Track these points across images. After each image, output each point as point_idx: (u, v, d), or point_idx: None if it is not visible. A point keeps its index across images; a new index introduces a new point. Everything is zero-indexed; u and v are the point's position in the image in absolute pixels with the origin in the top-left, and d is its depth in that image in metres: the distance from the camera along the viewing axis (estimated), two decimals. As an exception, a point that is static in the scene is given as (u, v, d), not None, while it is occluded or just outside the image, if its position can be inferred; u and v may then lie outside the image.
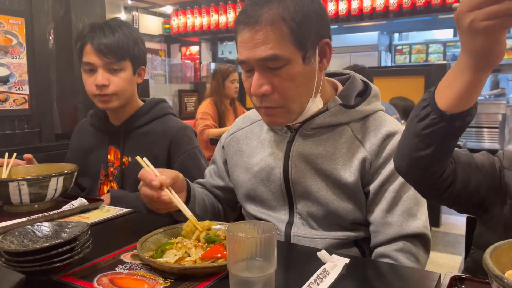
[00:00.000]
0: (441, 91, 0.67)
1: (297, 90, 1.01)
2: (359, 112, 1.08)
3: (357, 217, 1.05)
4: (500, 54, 0.60)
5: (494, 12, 0.56)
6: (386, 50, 7.33)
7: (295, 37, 0.96)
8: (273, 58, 0.96)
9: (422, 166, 0.72)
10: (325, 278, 0.77)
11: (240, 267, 0.68)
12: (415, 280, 0.79)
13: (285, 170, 1.09)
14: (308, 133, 1.09)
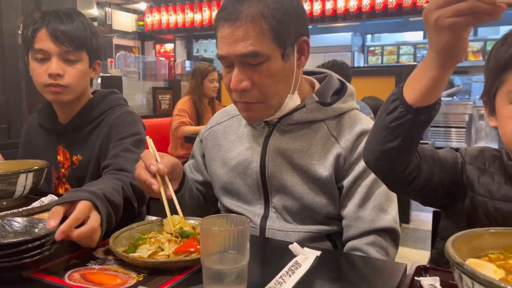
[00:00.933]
0: (409, 86, 0.70)
1: (276, 86, 1.03)
2: (334, 110, 1.11)
3: (330, 211, 1.08)
4: (463, 50, 0.63)
5: (458, 10, 0.59)
6: (359, 51, 7.47)
7: (274, 34, 0.98)
8: (253, 55, 0.98)
9: (389, 159, 0.75)
10: (297, 270, 0.79)
11: (214, 259, 0.69)
12: (383, 271, 0.82)
13: (262, 164, 1.11)
14: (285, 129, 1.12)
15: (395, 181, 0.80)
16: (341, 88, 1.18)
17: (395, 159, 0.75)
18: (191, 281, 0.74)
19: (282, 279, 0.74)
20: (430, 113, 0.70)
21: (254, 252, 0.90)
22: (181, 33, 7.45)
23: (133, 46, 8.41)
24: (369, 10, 5.76)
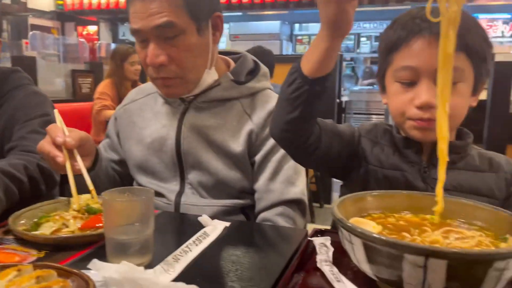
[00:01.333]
0: (306, 58, 0.76)
1: (194, 61, 1.05)
2: (248, 89, 1.14)
3: (244, 185, 1.12)
4: (348, 22, 0.69)
5: None
6: (287, 39, 7.63)
7: (189, 7, 1.00)
8: (169, 25, 0.98)
9: (291, 129, 0.79)
10: (204, 239, 0.81)
11: (117, 231, 0.70)
12: (286, 237, 0.87)
13: (177, 141, 1.12)
14: (200, 106, 1.13)
15: (298, 152, 0.85)
16: (255, 68, 1.21)
17: (297, 129, 0.80)
18: (96, 255, 0.73)
19: (188, 248, 0.76)
20: (324, 83, 0.75)
21: (165, 226, 0.92)
22: (105, 15, 7.09)
23: (52, 27, 7.84)
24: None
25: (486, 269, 0.51)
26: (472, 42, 0.81)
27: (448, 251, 0.50)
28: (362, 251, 0.57)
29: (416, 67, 0.82)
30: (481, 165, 0.89)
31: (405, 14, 0.88)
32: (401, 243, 0.52)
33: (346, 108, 5.82)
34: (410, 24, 0.83)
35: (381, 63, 0.91)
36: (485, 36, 0.85)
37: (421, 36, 0.82)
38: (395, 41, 0.85)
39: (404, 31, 0.84)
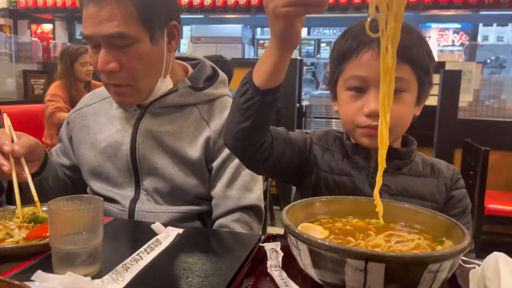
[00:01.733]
0: (257, 70, 0.77)
1: (145, 69, 1.03)
2: (206, 95, 1.14)
3: (200, 191, 1.12)
4: (297, 37, 0.71)
5: (290, 1, 0.66)
6: (249, 43, 7.67)
7: (142, 16, 0.99)
8: (119, 36, 0.97)
9: (243, 138, 0.80)
10: (156, 247, 0.81)
11: (63, 240, 0.68)
12: (240, 242, 0.88)
13: (132, 146, 1.11)
14: (157, 112, 1.12)
15: (251, 159, 0.86)
16: (213, 75, 1.21)
17: (249, 138, 0.81)
18: (41, 266, 0.71)
19: (139, 256, 0.76)
20: (275, 94, 0.77)
21: (116, 233, 0.91)
22: (61, 13, 6.83)
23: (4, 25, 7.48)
24: (257, 3, 5.94)
25: (422, 271, 0.54)
26: (416, 55, 0.85)
27: (386, 255, 0.53)
28: (308, 256, 0.59)
29: (365, 76, 0.85)
30: (424, 171, 0.93)
31: (356, 24, 0.91)
32: (342, 248, 0.54)
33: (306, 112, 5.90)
34: (360, 35, 0.86)
35: (333, 71, 0.94)
36: (429, 50, 0.89)
37: (371, 48, 0.84)
38: (346, 51, 0.88)
39: (355, 42, 0.87)
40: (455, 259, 0.56)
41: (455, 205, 0.93)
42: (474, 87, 3.51)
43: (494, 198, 2.75)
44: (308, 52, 7.54)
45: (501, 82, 3.81)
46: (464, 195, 0.95)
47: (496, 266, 0.66)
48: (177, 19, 1.09)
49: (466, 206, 0.95)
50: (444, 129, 3.13)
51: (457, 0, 4.96)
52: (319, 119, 7.17)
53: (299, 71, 4.20)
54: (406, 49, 0.83)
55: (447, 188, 0.93)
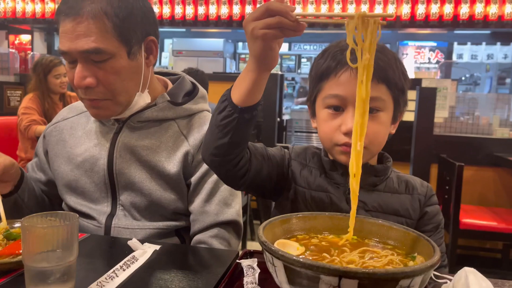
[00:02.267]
0: (235, 88, 0.78)
1: (123, 84, 1.03)
2: (185, 110, 1.15)
3: (178, 206, 1.11)
4: (274, 58, 0.74)
5: (268, 24, 0.69)
6: (231, 57, 7.72)
7: (119, 32, 0.99)
8: (96, 51, 0.97)
9: (221, 154, 0.81)
10: (132, 264, 0.80)
11: (36, 258, 0.67)
12: (216, 258, 0.88)
13: (109, 161, 1.10)
14: (135, 126, 1.12)
15: (228, 175, 0.87)
16: (192, 90, 1.22)
17: (227, 154, 0.82)
18: (14, 284, 0.70)
19: (115, 273, 0.75)
20: (252, 112, 0.78)
21: (92, 250, 0.89)
22: (40, 24, 6.75)
23: (-20, 35, 7.33)
24: (239, 18, 6.01)
25: (393, 286, 0.55)
26: (392, 75, 0.87)
27: (358, 271, 0.54)
28: (283, 272, 0.59)
29: (343, 95, 0.86)
30: (399, 188, 0.95)
31: (335, 45, 0.93)
32: (317, 264, 0.55)
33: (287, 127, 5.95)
34: (339, 55, 0.88)
35: (312, 90, 0.96)
36: (404, 70, 0.92)
37: (349, 68, 0.86)
38: (325, 70, 0.90)
39: (333, 62, 0.88)
40: (425, 275, 0.58)
41: (428, 221, 0.95)
42: (449, 103, 3.62)
43: (469, 213, 2.82)
44: (289, 67, 7.64)
45: (476, 99, 3.94)
46: (437, 212, 0.97)
47: (466, 281, 0.68)
48: (155, 34, 1.09)
49: (439, 222, 0.97)
50: (420, 144, 3.21)
51: (433, 19, 5.13)
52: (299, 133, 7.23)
53: (280, 86, 4.25)
54: (382, 70, 0.85)
55: (421, 204, 0.95)
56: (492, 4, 4.91)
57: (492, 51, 6.55)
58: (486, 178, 3.25)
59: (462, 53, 6.77)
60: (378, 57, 0.83)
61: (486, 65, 6.80)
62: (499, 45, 6.45)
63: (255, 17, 0.70)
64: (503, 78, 6.80)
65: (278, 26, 0.68)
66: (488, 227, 2.65)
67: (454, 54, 6.79)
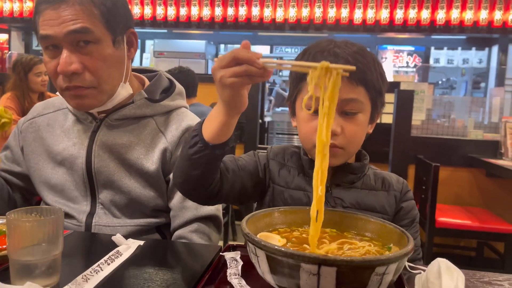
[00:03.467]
0: (206, 126, 0.81)
1: (109, 71, 1.04)
2: (163, 107, 1.16)
3: (158, 203, 1.12)
4: (243, 103, 0.76)
5: (236, 72, 0.71)
6: (212, 59, 7.72)
7: (105, 19, 1.01)
8: (84, 30, 0.98)
9: (193, 183, 0.84)
10: (117, 258, 0.82)
11: (22, 252, 0.67)
12: (199, 252, 0.90)
13: (88, 159, 1.10)
14: (113, 124, 1.12)
15: (201, 197, 0.89)
16: (170, 87, 1.24)
17: (199, 184, 0.84)
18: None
19: (99, 267, 0.76)
20: (224, 148, 0.82)
21: (76, 246, 0.90)
22: (18, 23, 6.62)
23: (-45, 33, 7.13)
24: (221, 20, 6.02)
25: (369, 273, 0.58)
26: (371, 77, 0.89)
27: (337, 259, 0.57)
28: (266, 262, 0.62)
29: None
30: (375, 185, 0.98)
31: (315, 45, 0.94)
32: (297, 253, 0.57)
33: (268, 128, 5.99)
34: (319, 56, 0.89)
35: (292, 90, 0.98)
36: (382, 72, 0.93)
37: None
38: None
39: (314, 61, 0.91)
40: (400, 262, 0.61)
41: (404, 216, 0.99)
42: (426, 106, 3.72)
43: (445, 212, 2.90)
44: (271, 70, 7.69)
45: (452, 102, 4.06)
46: (412, 207, 1.01)
47: (438, 271, 0.72)
48: (133, 28, 1.12)
49: (414, 216, 1.01)
50: (398, 146, 3.28)
51: (411, 24, 5.26)
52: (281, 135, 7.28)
53: (261, 88, 4.28)
54: (361, 72, 0.87)
55: (396, 200, 0.98)
56: (468, 10, 5.07)
57: (467, 56, 6.74)
58: (461, 178, 3.35)
59: (439, 58, 6.95)
60: (357, 59, 0.87)
61: (461, 70, 7.00)
62: (474, 50, 6.65)
63: (223, 65, 0.71)
64: (477, 83, 7.01)
65: (245, 74, 0.71)
66: (463, 226, 2.74)
67: (431, 58, 6.97)
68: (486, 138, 3.45)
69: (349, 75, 0.77)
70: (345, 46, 0.90)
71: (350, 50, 0.88)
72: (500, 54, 6.04)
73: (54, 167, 1.13)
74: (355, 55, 0.88)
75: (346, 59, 0.87)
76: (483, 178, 3.31)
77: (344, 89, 0.83)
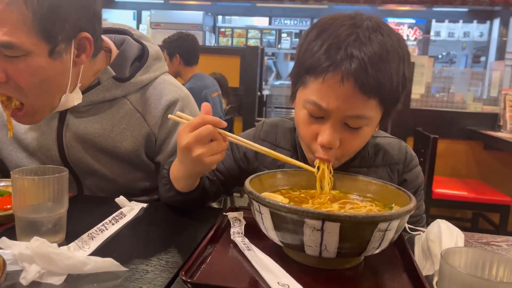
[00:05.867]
0: (174, 179, 0.85)
1: (41, 87, 0.88)
2: (135, 84, 1.02)
3: (147, 185, 1.09)
4: (208, 171, 0.83)
5: (215, 150, 0.75)
6: (210, 31, 7.60)
7: (41, 26, 0.83)
8: (8, 46, 0.81)
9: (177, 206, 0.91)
10: (121, 219, 0.82)
11: (28, 209, 0.68)
12: (204, 214, 0.91)
13: (61, 151, 1.02)
14: (81, 110, 1.00)
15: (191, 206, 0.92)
16: (142, 54, 1.06)
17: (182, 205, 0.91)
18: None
19: (104, 227, 0.77)
20: (197, 191, 0.87)
21: (80, 207, 0.91)
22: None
23: None
24: (219, -9, 5.90)
25: (372, 229, 0.59)
26: (389, 88, 0.74)
27: (340, 214, 0.57)
28: (269, 219, 0.62)
29: (324, 108, 0.75)
30: (375, 160, 0.92)
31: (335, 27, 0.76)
32: (301, 209, 0.58)
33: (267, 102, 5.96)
34: (333, 53, 0.73)
35: (297, 74, 0.82)
36: (405, 73, 0.77)
37: (339, 73, 0.72)
38: (315, 63, 0.75)
39: (325, 59, 0.74)
40: (402, 220, 0.62)
41: (407, 187, 0.92)
42: (426, 80, 3.69)
43: (442, 183, 2.93)
44: (269, 42, 7.59)
45: (451, 76, 4.04)
46: (416, 176, 0.95)
47: (438, 230, 0.73)
48: (92, 30, 0.92)
49: (419, 185, 0.96)
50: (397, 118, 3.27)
51: (412, -4, 5.18)
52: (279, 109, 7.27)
53: (260, 60, 4.24)
54: (377, 85, 0.73)
55: (399, 173, 0.93)
56: (470, -18, 4.99)
57: (468, 29, 6.66)
58: (458, 151, 3.37)
59: (439, 31, 6.87)
60: (377, 66, 0.72)
61: (462, 43, 6.93)
62: (475, 23, 6.57)
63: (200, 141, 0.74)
64: (478, 56, 6.96)
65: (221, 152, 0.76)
66: (459, 197, 2.78)
67: (432, 31, 6.88)
68: (485, 110, 3.45)
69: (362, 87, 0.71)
70: (368, 38, 0.73)
71: (371, 48, 0.72)
72: (501, 27, 5.98)
73: (29, 156, 1.06)
74: (374, 58, 0.72)
75: (363, 64, 0.71)
76: (480, 151, 3.33)
77: (352, 104, 0.74)
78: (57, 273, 0.59)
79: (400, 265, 0.68)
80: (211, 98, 2.90)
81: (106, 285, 0.58)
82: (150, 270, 0.63)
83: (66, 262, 0.58)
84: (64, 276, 0.59)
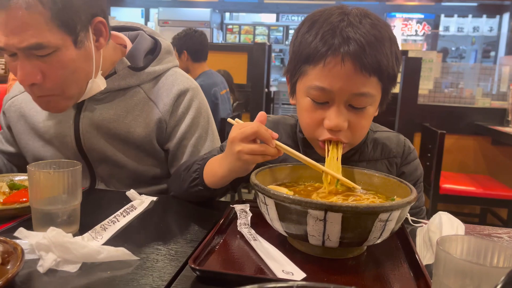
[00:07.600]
0: (207, 174, 0.86)
1: (72, 76, 0.95)
2: (149, 74, 1.08)
3: (157, 172, 1.12)
4: (246, 172, 0.80)
5: (254, 150, 0.75)
6: (218, 28, 7.62)
7: (60, 21, 0.88)
8: (38, 47, 0.87)
9: None
10: (132, 212, 0.85)
11: (44, 201, 0.71)
12: (212, 206, 0.93)
13: (77, 138, 1.07)
14: (97, 98, 1.06)
15: None
16: (155, 47, 1.13)
17: None
18: (21, 228, 0.75)
19: (116, 219, 0.80)
20: (223, 189, 0.89)
21: (93, 200, 0.94)
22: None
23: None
24: (226, -12, 5.92)
25: (373, 220, 0.61)
26: (386, 65, 0.78)
27: (343, 205, 0.60)
28: (274, 210, 0.65)
29: (329, 89, 0.78)
30: (374, 154, 0.94)
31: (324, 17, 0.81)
32: (305, 200, 0.60)
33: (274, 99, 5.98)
34: (329, 38, 0.77)
35: (294, 67, 0.85)
36: (397, 52, 0.82)
37: (339, 55, 0.76)
38: (312, 52, 0.79)
39: (322, 45, 0.77)
40: (402, 211, 0.64)
41: (406, 179, 0.89)
42: (434, 75, 3.68)
43: (449, 179, 2.93)
44: (277, 39, 7.59)
45: (460, 71, 4.02)
46: (415, 168, 0.97)
47: (439, 221, 0.75)
48: (103, 13, 0.98)
49: (418, 177, 0.98)
50: (404, 114, 3.28)
51: (420, -9, 5.14)
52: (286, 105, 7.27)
53: (267, 57, 4.25)
54: (375, 61, 0.77)
55: (397, 166, 0.95)
56: (479, -24, 4.94)
57: (478, 24, 6.61)
58: (466, 146, 3.36)
59: (448, 26, 6.82)
60: (372, 45, 0.76)
61: (472, 38, 6.87)
62: (485, 17, 6.51)
63: (243, 138, 0.75)
64: (487, 51, 6.90)
65: (261, 153, 0.75)
66: (466, 192, 2.78)
67: (440, 26, 6.84)
68: (494, 106, 3.43)
69: (362, 66, 0.74)
70: (359, 23, 0.78)
71: (364, 29, 0.77)
72: (511, 22, 5.92)
73: (45, 145, 1.10)
74: (370, 38, 0.76)
75: (360, 44, 0.75)
76: (488, 146, 3.32)
77: (355, 82, 0.77)
78: (72, 261, 0.62)
79: (402, 255, 0.70)
80: (220, 96, 2.93)
81: (118, 273, 0.61)
82: (160, 259, 0.66)
83: (81, 251, 0.62)
84: (79, 264, 0.62)
